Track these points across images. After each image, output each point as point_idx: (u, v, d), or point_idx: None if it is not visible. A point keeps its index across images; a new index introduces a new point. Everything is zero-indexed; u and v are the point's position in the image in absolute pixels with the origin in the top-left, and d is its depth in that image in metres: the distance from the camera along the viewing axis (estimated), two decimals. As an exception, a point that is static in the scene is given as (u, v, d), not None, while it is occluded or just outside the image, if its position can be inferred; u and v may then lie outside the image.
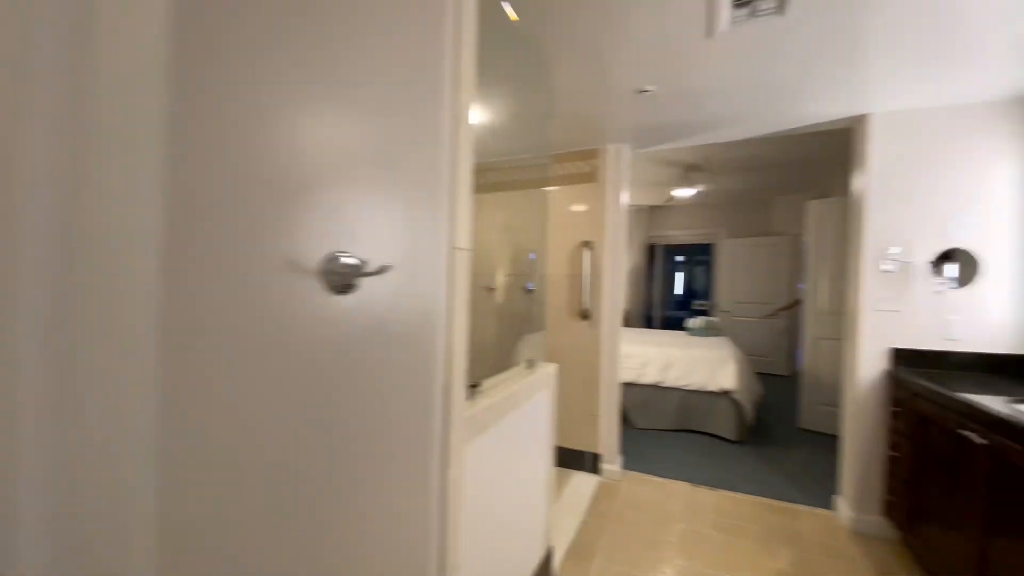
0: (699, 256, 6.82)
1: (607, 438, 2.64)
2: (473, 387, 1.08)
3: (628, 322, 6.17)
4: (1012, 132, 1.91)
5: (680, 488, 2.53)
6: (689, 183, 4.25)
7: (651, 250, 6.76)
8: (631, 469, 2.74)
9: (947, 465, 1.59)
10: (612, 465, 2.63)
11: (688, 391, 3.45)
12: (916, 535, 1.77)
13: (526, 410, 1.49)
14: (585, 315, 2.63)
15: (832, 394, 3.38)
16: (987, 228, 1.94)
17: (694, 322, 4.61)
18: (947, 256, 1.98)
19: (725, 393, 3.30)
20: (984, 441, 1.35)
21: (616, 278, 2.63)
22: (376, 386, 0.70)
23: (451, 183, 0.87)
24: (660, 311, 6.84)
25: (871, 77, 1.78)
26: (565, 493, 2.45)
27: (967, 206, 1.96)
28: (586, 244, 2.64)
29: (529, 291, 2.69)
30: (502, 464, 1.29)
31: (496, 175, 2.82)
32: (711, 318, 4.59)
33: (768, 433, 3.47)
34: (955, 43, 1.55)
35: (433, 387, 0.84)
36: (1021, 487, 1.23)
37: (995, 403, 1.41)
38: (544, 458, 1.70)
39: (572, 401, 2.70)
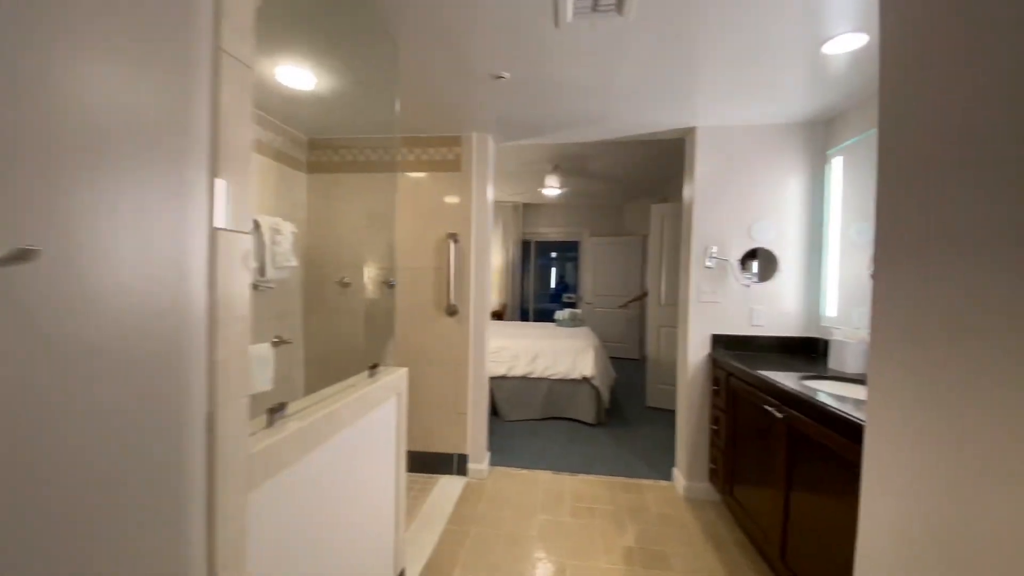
0: (569, 253, 7.26)
1: (475, 437, 2.57)
2: (273, 411, 0.86)
3: (504, 316, 6.25)
4: (800, 150, 2.33)
5: (544, 478, 2.58)
6: (555, 182, 4.42)
7: (526, 246, 6.97)
8: (499, 465, 2.72)
9: (755, 435, 1.85)
10: (479, 464, 2.57)
11: (554, 380, 3.58)
12: (733, 496, 2.04)
13: (366, 423, 1.30)
14: (452, 311, 2.51)
15: (672, 375, 3.84)
16: (781, 232, 2.33)
17: (561, 314, 4.85)
18: (752, 255, 2.33)
19: (585, 380, 3.51)
20: (782, 415, 1.58)
21: (483, 272, 2.56)
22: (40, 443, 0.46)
23: (212, 146, 0.65)
24: (535, 305, 7.12)
25: (699, 90, 1.98)
26: (428, 501, 2.30)
27: (767, 213, 2.33)
28: (452, 236, 2.52)
29: (392, 287, 2.46)
30: (330, 491, 1.09)
31: (352, 154, 2.52)
32: (575, 310, 4.88)
33: (622, 413, 3.81)
34: (762, 75, 1.81)
35: (185, 423, 0.61)
36: (811, 451, 1.47)
37: (788, 380, 1.68)
38: (392, 473, 1.53)
39: (438, 402, 2.56)
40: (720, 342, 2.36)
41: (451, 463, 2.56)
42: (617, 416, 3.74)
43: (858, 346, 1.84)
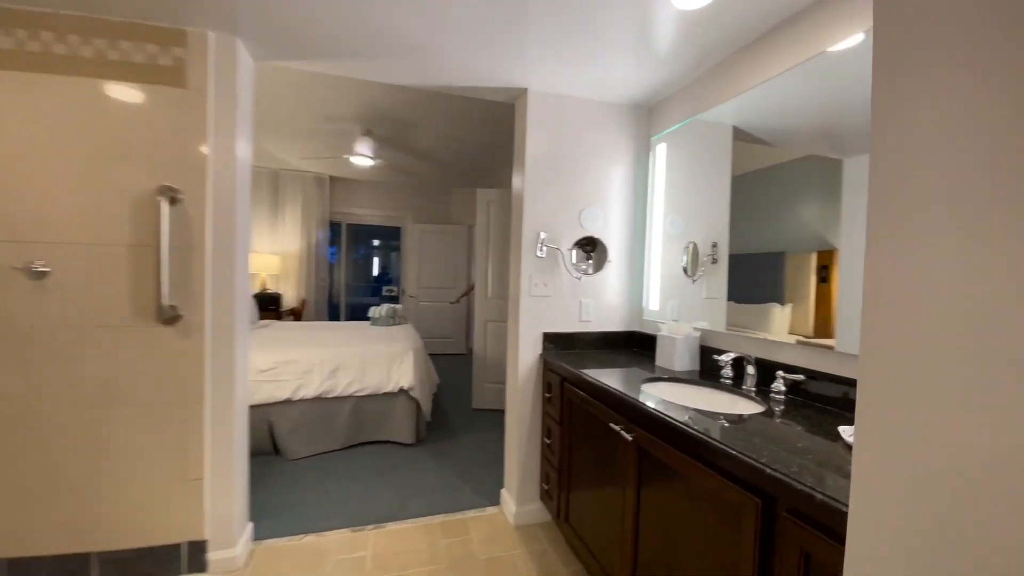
0: (392, 240, 6.44)
1: (222, 509, 1.68)
2: None
3: (303, 315, 5.10)
4: (628, 134, 2.17)
5: (336, 542, 1.88)
6: (367, 150, 3.62)
7: (335, 229, 5.87)
8: (268, 537, 1.89)
9: (596, 455, 1.55)
10: (230, 549, 1.69)
11: (362, 397, 2.86)
12: (569, 524, 1.74)
13: None
14: (169, 317, 1.55)
15: (499, 373, 3.54)
16: (608, 220, 2.14)
17: (377, 311, 4.09)
18: (584, 244, 2.09)
19: (403, 392, 2.90)
20: (631, 435, 1.27)
21: (231, 255, 1.67)
22: None
23: None
24: (349, 299, 6.09)
25: (531, 40, 1.58)
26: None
27: (596, 199, 2.12)
28: (166, 192, 1.54)
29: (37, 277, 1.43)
30: None
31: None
32: (395, 305, 4.19)
33: (446, 423, 3.33)
34: (593, 35, 1.53)
35: None
36: (670, 482, 1.17)
37: (632, 389, 1.40)
38: None
39: (145, 468, 1.58)
40: (552, 341, 2.06)
41: (177, 559, 1.62)
42: (440, 428, 3.24)
43: (684, 341, 1.72)
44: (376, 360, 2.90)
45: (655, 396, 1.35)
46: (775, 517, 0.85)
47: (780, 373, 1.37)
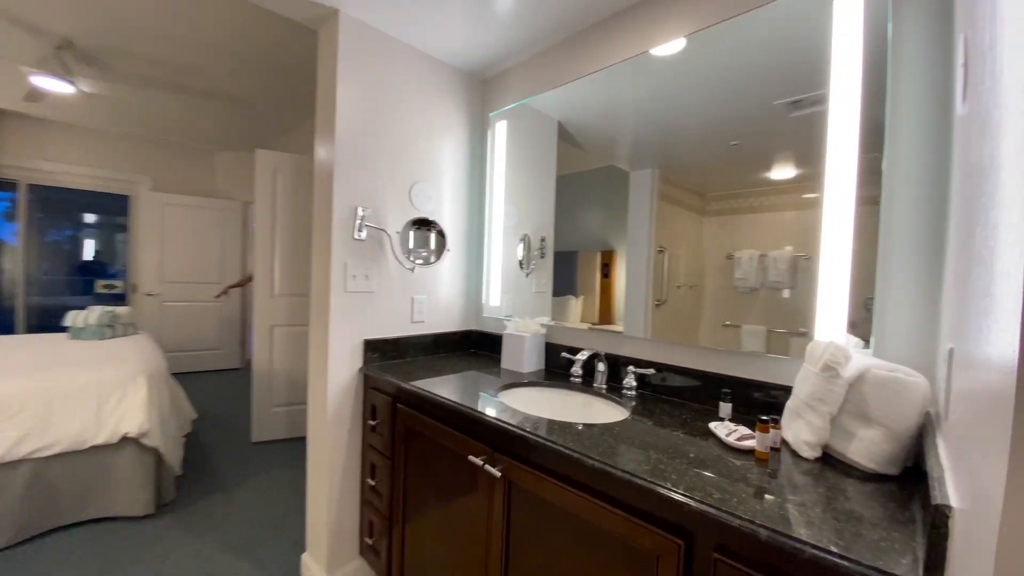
0: (113, 215, 4.52)
1: None
2: None
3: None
4: (463, 103, 1.88)
5: None
6: (66, 70, 2.32)
7: (9, 194, 3.76)
8: None
9: (442, 490, 1.21)
10: None
11: (48, 459, 1.77)
12: (400, 585, 1.34)
13: None
14: None
15: (292, 392, 2.80)
16: (443, 200, 1.82)
17: (79, 318, 2.71)
18: (417, 228, 1.71)
19: (129, 440, 1.92)
20: (499, 470, 0.98)
21: None
22: None
23: None
24: (34, 299, 4.00)
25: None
26: None
27: (429, 174, 1.77)
28: None
29: None
30: None
31: None
32: (115, 308, 2.86)
33: (209, 472, 2.41)
34: None
35: None
36: (539, 518, 0.92)
37: (491, 405, 1.12)
38: None
39: None
40: (376, 349, 1.61)
41: None
42: (199, 481, 2.32)
43: (533, 340, 1.56)
44: (74, 396, 1.84)
45: (520, 411, 1.10)
46: (693, 559, 0.70)
47: (631, 368, 1.32)
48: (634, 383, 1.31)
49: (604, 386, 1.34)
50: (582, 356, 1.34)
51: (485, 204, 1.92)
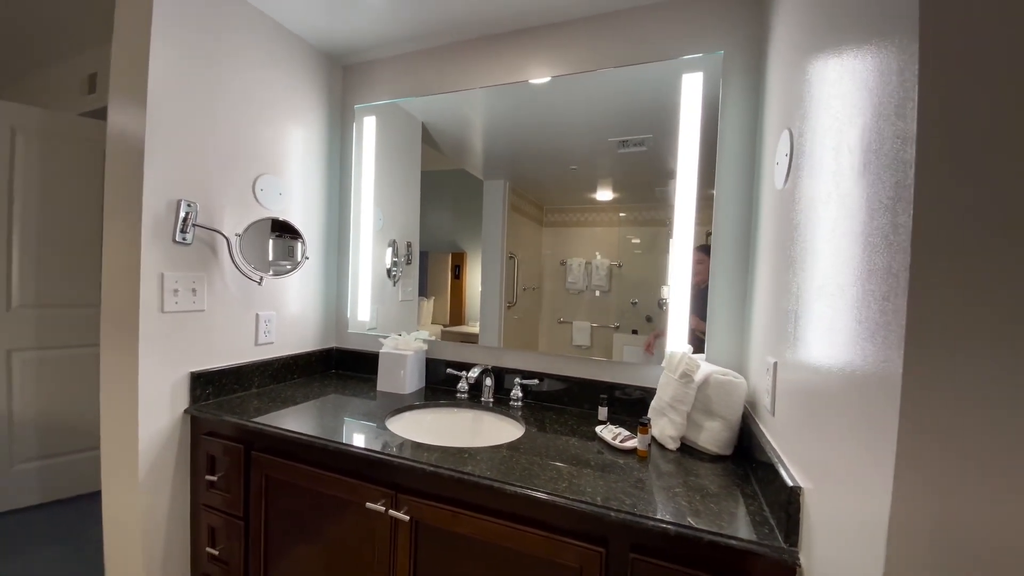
0: None
1: None
2: None
3: None
4: (321, 88, 1.64)
5: None
6: None
7: None
8: None
9: (325, 549, 1.04)
10: None
11: None
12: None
13: None
14: None
15: (47, 439, 2.03)
16: (294, 198, 1.56)
17: None
18: (267, 231, 1.42)
19: None
20: (406, 515, 0.90)
21: None
22: None
23: None
24: None
25: None
26: None
27: (278, 166, 1.49)
28: None
29: None
30: None
31: None
32: None
33: None
34: None
35: None
36: (457, 561, 0.89)
37: (377, 436, 1.01)
38: None
39: None
40: (208, 384, 1.29)
41: None
42: None
43: (415, 358, 1.48)
44: None
45: (419, 441, 1.04)
46: (612, 564, 0.78)
47: (517, 380, 1.38)
48: (520, 394, 1.37)
49: (492, 400, 1.36)
50: (473, 373, 1.33)
51: (351, 205, 1.72)
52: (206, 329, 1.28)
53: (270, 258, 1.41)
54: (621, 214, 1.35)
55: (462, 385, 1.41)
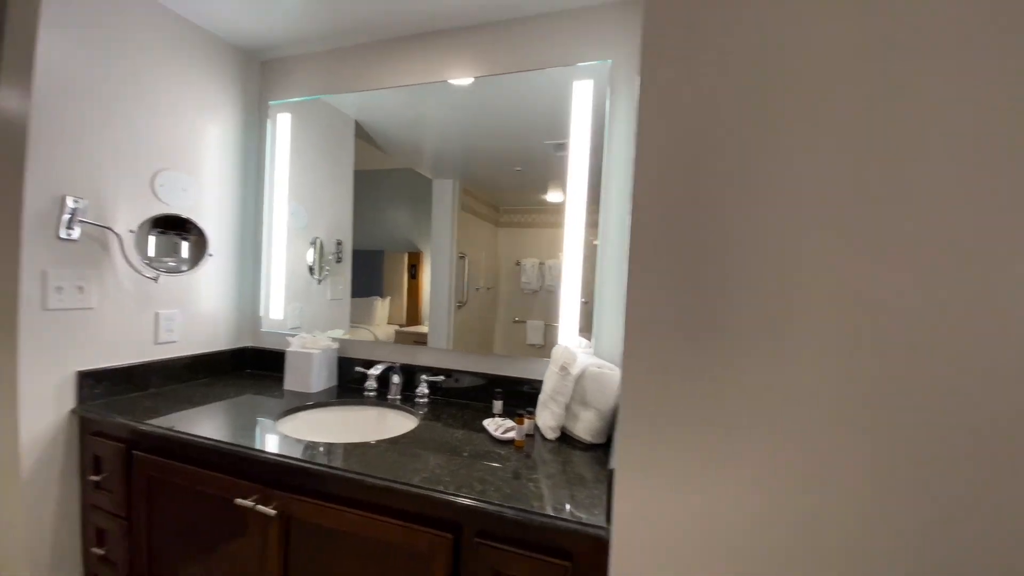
0: None
1: None
2: None
3: None
4: (232, 85, 1.61)
5: None
6: None
7: None
8: None
9: (205, 543, 1.04)
10: None
11: None
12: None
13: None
14: None
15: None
16: (204, 195, 1.53)
17: None
18: (164, 227, 1.39)
19: None
20: (272, 510, 0.91)
21: None
22: None
23: None
24: None
25: None
26: None
27: (183, 161, 1.46)
28: None
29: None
30: None
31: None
32: None
33: None
34: None
35: None
36: (321, 549, 0.91)
37: (273, 439, 1.02)
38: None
39: None
40: (100, 381, 1.26)
41: None
42: None
43: (323, 356, 1.48)
44: None
45: (302, 439, 1.05)
46: (461, 548, 0.82)
47: (423, 377, 1.41)
48: (427, 391, 1.39)
49: (398, 397, 1.38)
50: (375, 371, 1.35)
51: (265, 203, 1.70)
52: (96, 327, 1.25)
53: (167, 255, 1.38)
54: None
55: (369, 383, 1.42)
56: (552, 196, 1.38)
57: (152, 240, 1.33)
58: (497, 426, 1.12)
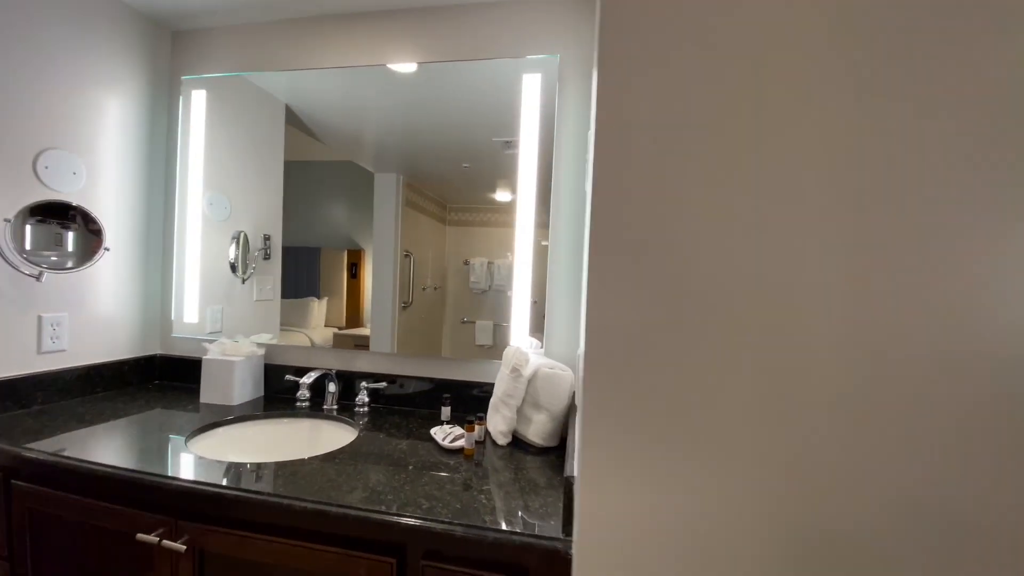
0: None
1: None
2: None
3: None
4: (134, 54, 1.40)
5: None
6: None
7: None
8: None
9: (86, 597, 0.88)
10: None
11: None
12: None
13: None
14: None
15: None
16: (97, 177, 1.32)
17: None
18: (45, 216, 1.18)
19: None
20: (182, 545, 0.78)
21: None
22: None
23: None
24: None
25: None
26: None
27: (72, 140, 1.25)
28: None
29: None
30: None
31: None
32: None
33: None
34: None
35: None
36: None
37: (159, 457, 0.88)
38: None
39: None
40: (-44, 404, 1.04)
41: None
42: None
43: (246, 364, 1.33)
44: None
45: (220, 460, 0.92)
46: (406, 572, 0.75)
47: (363, 384, 1.31)
48: (367, 399, 1.29)
49: (335, 407, 1.27)
50: (308, 379, 1.23)
51: (176, 192, 1.51)
52: (-49, 337, 1.03)
53: (48, 249, 1.17)
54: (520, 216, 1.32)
55: (302, 392, 1.30)
56: (501, 195, 1.34)
57: (28, 229, 1.12)
58: (445, 434, 1.05)
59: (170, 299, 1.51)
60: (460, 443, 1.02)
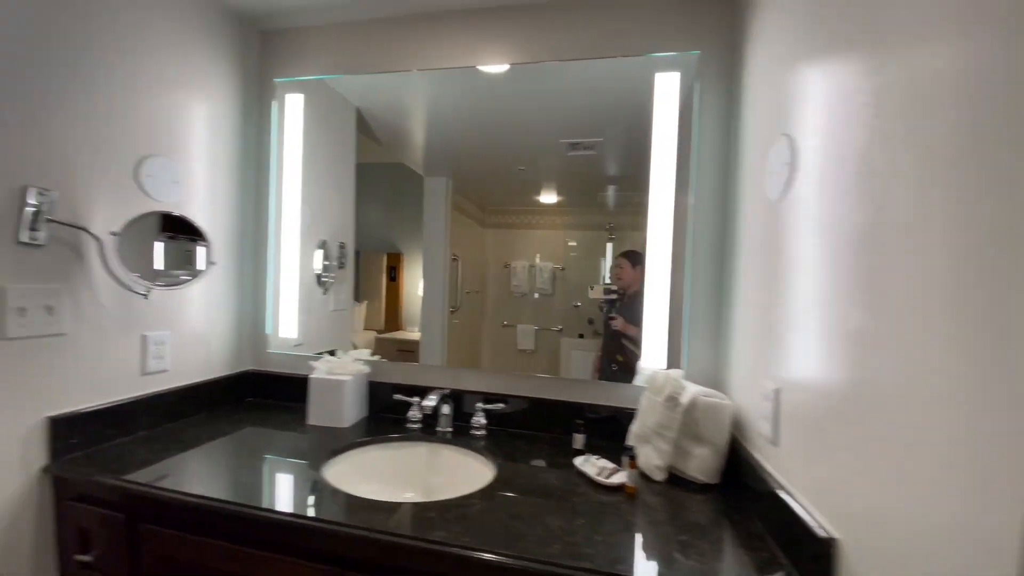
0: None
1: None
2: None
3: None
4: (227, 57, 1.34)
5: None
6: None
7: None
8: None
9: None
10: None
11: None
12: None
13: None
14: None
15: None
16: (195, 188, 1.25)
17: None
18: (157, 229, 1.11)
19: None
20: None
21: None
22: None
23: None
24: None
25: None
26: None
27: (173, 148, 1.18)
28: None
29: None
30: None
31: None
32: None
33: None
34: None
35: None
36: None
37: (302, 492, 0.81)
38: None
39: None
40: (76, 431, 0.97)
41: None
42: None
43: (354, 383, 1.25)
44: None
45: (374, 499, 0.84)
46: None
47: (479, 405, 1.22)
48: (483, 420, 1.21)
49: (450, 429, 1.19)
50: (430, 401, 1.14)
51: (270, 199, 1.43)
52: (69, 358, 0.97)
53: (161, 264, 1.10)
54: (564, 217, 1.30)
55: (413, 413, 1.22)
56: (546, 197, 1.31)
57: (159, 248, 1.05)
58: (598, 469, 0.96)
59: (264, 314, 1.44)
60: (617, 479, 0.93)
